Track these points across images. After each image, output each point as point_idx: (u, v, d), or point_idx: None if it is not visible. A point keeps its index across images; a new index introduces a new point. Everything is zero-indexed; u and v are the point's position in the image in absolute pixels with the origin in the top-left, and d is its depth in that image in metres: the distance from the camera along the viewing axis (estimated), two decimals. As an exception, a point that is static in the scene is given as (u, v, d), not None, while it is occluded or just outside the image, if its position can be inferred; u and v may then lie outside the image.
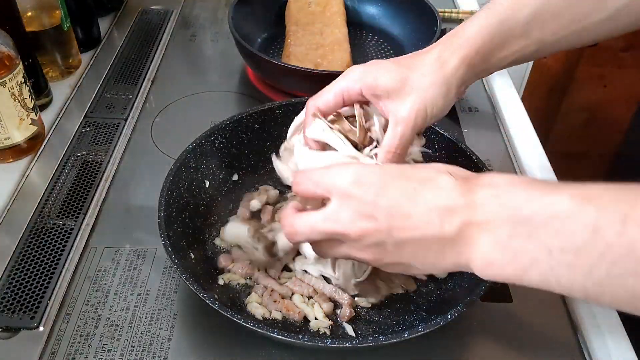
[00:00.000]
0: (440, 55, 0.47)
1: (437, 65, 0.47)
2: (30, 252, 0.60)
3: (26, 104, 0.70)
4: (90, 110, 0.81)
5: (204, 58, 0.96)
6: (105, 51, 0.94)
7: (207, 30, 1.02)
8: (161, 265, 0.60)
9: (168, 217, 0.55)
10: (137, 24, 1.01)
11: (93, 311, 0.55)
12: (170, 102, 0.84)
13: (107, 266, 0.60)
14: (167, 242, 0.51)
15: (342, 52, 0.86)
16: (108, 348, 0.52)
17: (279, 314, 0.54)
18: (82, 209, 0.65)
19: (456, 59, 0.47)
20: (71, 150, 0.74)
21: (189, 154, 0.61)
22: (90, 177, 0.70)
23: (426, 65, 0.47)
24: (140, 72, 0.89)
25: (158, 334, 0.54)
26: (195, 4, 1.10)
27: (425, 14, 0.91)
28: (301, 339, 0.47)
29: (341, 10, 0.96)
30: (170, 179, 0.57)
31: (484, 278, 0.39)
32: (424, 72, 0.47)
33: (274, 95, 0.85)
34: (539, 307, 0.57)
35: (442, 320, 0.47)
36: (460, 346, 0.54)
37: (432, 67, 0.47)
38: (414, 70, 0.47)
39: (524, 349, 0.54)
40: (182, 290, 0.58)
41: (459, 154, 0.63)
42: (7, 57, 0.66)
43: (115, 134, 0.76)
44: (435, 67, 0.47)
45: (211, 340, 0.53)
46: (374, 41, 0.98)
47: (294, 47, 0.88)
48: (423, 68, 0.47)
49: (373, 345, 0.46)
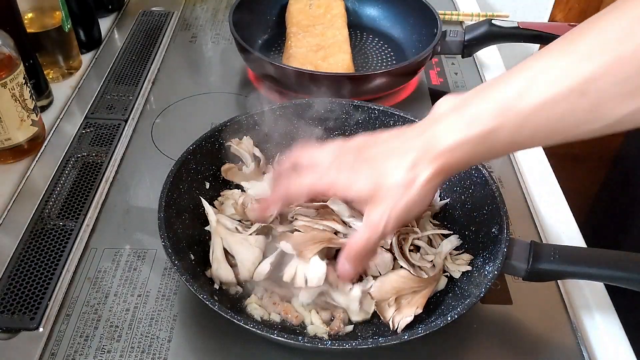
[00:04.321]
0: (414, 165, 0.44)
1: (410, 177, 0.44)
2: (30, 252, 0.60)
3: (27, 105, 0.70)
4: (91, 111, 0.81)
5: (205, 59, 0.96)
6: (106, 52, 0.94)
7: (207, 32, 1.02)
8: (161, 266, 0.60)
9: (168, 218, 0.55)
10: (138, 26, 1.01)
11: (93, 312, 0.55)
12: (171, 103, 0.84)
13: (107, 267, 0.60)
14: (167, 243, 0.51)
15: (342, 54, 0.86)
16: (108, 349, 0.52)
17: (277, 316, 0.53)
18: (82, 210, 0.65)
19: (430, 171, 0.44)
20: (72, 151, 0.74)
21: (189, 155, 0.61)
22: (90, 178, 0.70)
23: (399, 173, 0.45)
24: (140, 73, 0.89)
25: (158, 335, 0.54)
26: (195, 5, 1.10)
27: (426, 16, 0.91)
28: (301, 340, 0.47)
29: (342, 12, 0.96)
30: (170, 180, 0.57)
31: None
32: (398, 180, 0.45)
33: (274, 96, 0.85)
34: (539, 310, 0.57)
35: (442, 322, 0.47)
36: (460, 348, 0.54)
37: (404, 178, 0.45)
38: (387, 176, 0.45)
39: (523, 351, 0.54)
40: (182, 292, 0.58)
41: (459, 156, 0.63)
42: (8, 58, 0.66)
43: (115, 135, 0.76)
44: (408, 178, 0.45)
45: (211, 342, 0.53)
46: (375, 43, 0.98)
47: (294, 48, 0.88)
48: (396, 176, 0.45)
49: (372, 347, 0.46)
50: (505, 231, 0.53)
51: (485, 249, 0.56)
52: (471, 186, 0.61)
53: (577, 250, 0.53)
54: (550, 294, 0.59)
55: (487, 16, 1.04)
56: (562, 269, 0.50)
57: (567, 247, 0.52)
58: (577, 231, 0.67)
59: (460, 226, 0.61)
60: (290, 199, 0.52)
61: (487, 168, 0.60)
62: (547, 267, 0.50)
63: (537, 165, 0.76)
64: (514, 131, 0.41)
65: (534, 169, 0.75)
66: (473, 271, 0.56)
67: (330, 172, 0.49)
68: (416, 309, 0.52)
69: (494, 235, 0.55)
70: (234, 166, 0.66)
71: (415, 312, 0.52)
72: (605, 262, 0.50)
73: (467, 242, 0.60)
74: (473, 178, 0.61)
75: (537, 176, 0.74)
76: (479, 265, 0.56)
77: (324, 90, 0.76)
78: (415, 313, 0.52)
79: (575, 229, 0.67)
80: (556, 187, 0.73)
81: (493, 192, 0.57)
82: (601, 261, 0.50)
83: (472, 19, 1.05)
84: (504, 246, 0.52)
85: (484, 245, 0.56)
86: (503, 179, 0.72)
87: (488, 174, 0.59)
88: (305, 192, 0.50)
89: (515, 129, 0.41)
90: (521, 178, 0.73)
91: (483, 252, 0.56)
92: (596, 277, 0.51)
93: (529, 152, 0.77)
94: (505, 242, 0.52)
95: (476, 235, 0.58)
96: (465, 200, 0.62)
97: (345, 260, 0.49)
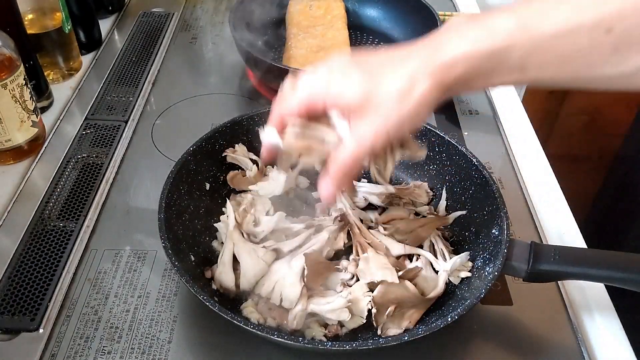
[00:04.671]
0: (414, 73, 0.40)
1: (407, 85, 0.40)
2: (31, 254, 0.60)
3: (27, 106, 0.70)
4: (91, 112, 0.81)
5: (205, 60, 0.96)
6: (106, 53, 0.94)
7: (207, 33, 1.02)
8: (161, 267, 0.60)
9: (168, 219, 0.55)
10: (138, 27, 1.01)
11: (93, 313, 0.55)
12: (171, 104, 0.84)
13: (107, 268, 0.60)
14: (167, 244, 0.51)
15: (342, 55, 0.86)
16: (108, 350, 0.52)
17: (273, 322, 0.53)
18: (82, 211, 0.65)
19: (430, 82, 0.40)
20: (72, 152, 0.74)
21: (189, 156, 0.61)
22: (90, 179, 0.70)
23: (396, 81, 0.41)
24: (141, 74, 0.89)
25: (158, 336, 0.54)
26: (196, 6, 1.10)
27: (426, 17, 0.91)
28: (301, 341, 0.47)
29: (342, 13, 0.96)
30: (170, 181, 0.57)
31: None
32: (391, 90, 0.41)
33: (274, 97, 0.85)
34: (539, 310, 0.57)
35: (442, 323, 0.47)
36: (460, 349, 0.54)
37: (401, 86, 0.41)
38: (383, 84, 0.41)
39: (524, 352, 0.54)
40: (182, 293, 0.57)
41: (459, 156, 0.63)
42: (8, 59, 0.66)
43: (115, 136, 0.77)
44: (405, 86, 0.40)
45: (211, 343, 0.53)
46: (375, 44, 0.98)
47: (294, 49, 0.88)
48: (392, 84, 0.41)
49: (372, 348, 0.46)
50: (505, 232, 0.53)
51: (485, 249, 0.56)
52: (471, 187, 0.61)
53: (577, 251, 0.53)
54: (550, 295, 0.59)
55: (487, 17, 1.03)
56: (562, 270, 0.50)
57: (567, 247, 0.52)
58: (577, 232, 0.67)
59: (461, 227, 0.61)
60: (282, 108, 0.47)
61: (487, 169, 0.60)
62: (547, 268, 0.50)
63: (537, 165, 0.76)
64: (526, 53, 0.38)
65: (534, 169, 0.75)
66: (473, 272, 0.56)
67: (322, 78, 0.44)
68: (408, 323, 0.52)
69: (494, 236, 0.55)
70: (238, 173, 0.66)
71: (406, 326, 0.52)
72: (605, 262, 0.50)
73: (467, 243, 0.60)
74: (473, 179, 0.61)
75: (537, 177, 0.74)
76: (479, 266, 0.56)
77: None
78: (407, 327, 0.52)
79: (575, 230, 0.67)
80: (556, 187, 0.73)
81: (493, 192, 0.57)
82: (601, 262, 0.50)
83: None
84: (504, 247, 0.52)
85: (484, 246, 0.56)
86: (503, 179, 0.72)
87: (488, 174, 0.59)
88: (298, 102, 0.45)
89: (528, 51, 0.38)
90: (521, 179, 0.73)
91: (483, 253, 0.56)
92: (596, 278, 0.51)
93: (529, 154, 0.77)
94: (505, 243, 0.52)
95: (476, 236, 0.58)
96: (466, 201, 0.62)
97: (331, 178, 0.44)
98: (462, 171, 0.62)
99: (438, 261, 0.56)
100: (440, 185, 0.65)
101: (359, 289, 0.53)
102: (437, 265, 0.56)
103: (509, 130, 0.81)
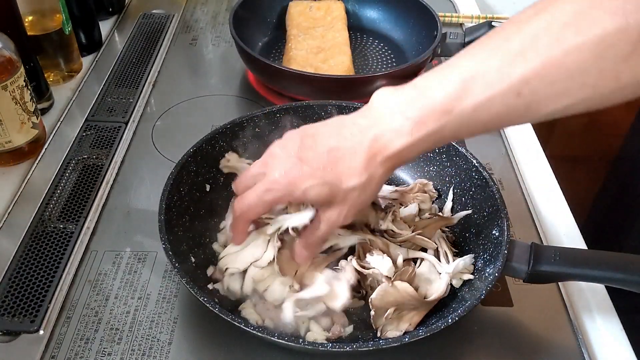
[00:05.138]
0: (367, 166, 0.46)
1: (365, 179, 0.46)
2: (31, 255, 0.60)
3: (27, 108, 0.70)
4: (91, 113, 0.81)
5: (205, 62, 0.96)
6: (106, 55, 0.94)
7: (208, 34, 1.02)
8: (162, 269, 0.60)
9: (169, 220, 0.55)
10: (139, 28, 1.01)
11: (93, 315, 0.55)
12: (171, 105, 0.84)
13: (107, 270, 0.60)
14: (167, 245, 0.51)
15: (342, 56, 0.86)
16: (108, 352, 0.52)
17: (270, 322, 0.53)
18: (82, 213, 0.65)
19: (383, 170, 0.47)
20: (72, 153, 0.74)
21: (189, 157, 0.61)
22: (91, 180, 0.70)
23: (354, 178, 0.46)
24: (141, 75, 0.89)
25: (158, 337, 0.54)
26: (196, 8, 1.10)
27: (426, 18, 0.91)
28: (301, 343, 0.47)
29: (342, 15, 0.96)
30: (171, 182, 0.57)
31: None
32: (352, 186, 0.47)
33: (274, 98, 0.85)
34: (540, 312, 0.57)
35: (443, 324, 0.47)
36: (460, 350, 0.54)
37: (360, 181, 0.46)
38: (341, 182, 0.47)
39: (524, 353, 0.54)
40: (182, 294, 0.57)
41: (459, 157, 0.63)
42: (9, 60, 0.66)
43: (116, 138, 0.77)
44: (363, 180, 0.46)
45: (211, 345, 0.53)
46: (375, 45, 0.98)
47: (294, 51, 0.88)
48: (351, 181, 0.46)
49: (373, 349, 0.46)
50: (505, 233, 0.53)
51: (485, 251, 0.56)
52: (471, 188, 0.61)
53: (577, 252, 0.53)
54: (551, 296, 0.59)
55: (487, 18, 1.04)
56: (562, 271, 0.50)
57: (567, 248, 0.52)
58: (577, 233, 0.67)
59: (461, 228, 0.61)
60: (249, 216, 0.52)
61: (487, 170, 0.60)
62: (547, 269, 0.50)
63: (538, 166, 0.76)
64: (455, 129, 0.43)
65: (534, 170, 0.75)
66: (474, 273, 0.56)
67: (280, 183, 0.48)
68: (408, 325, 0.52)
69: (495, 237, 0.55)
70: None
71: (406, 329, 0.52)
72: (606, 263, 0.50)
73: (467, 244, 0.60)
74: (473, 180, 0.61)
75: (537, 178, 0.74)
76: (479, 267, 0.56)
77: (324, 93, 0.76)
78: (406, 330, 0.52)
79: (575, 231, 0.67)
80: (556, 188, 0.73)
81: (493, 193, 0.57)
82: (602, 263, 0.50)
83: (472, 21, 1.05)
84: (504, 248, 0.52)
85: (485, 247, 0.56)
86: (503, 180, 0.72)
87: (488, 175, 0.59)
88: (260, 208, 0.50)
89: (457, 127, 0.43)
90: (521, 180, 0.73)
91: (484, 254, 0.56)
92: (597, 279, 0.51)
93: (529, 155, 0.77)
94: (505, 244, 0.52)
95: (477, 237, 0.58)
96: (466, 202, 0.62)
97: (305, 248, 0.52)
98: (463, 172, 0.62)
99: (441, 264, 0.56)
100: (440, 186, 0.65)
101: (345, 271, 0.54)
102: (439, 268, 0.56)
103: (509, 131, 0.81)
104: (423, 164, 0.67)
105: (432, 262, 0.56)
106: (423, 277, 0.55)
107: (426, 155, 0.66)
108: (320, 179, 0.47)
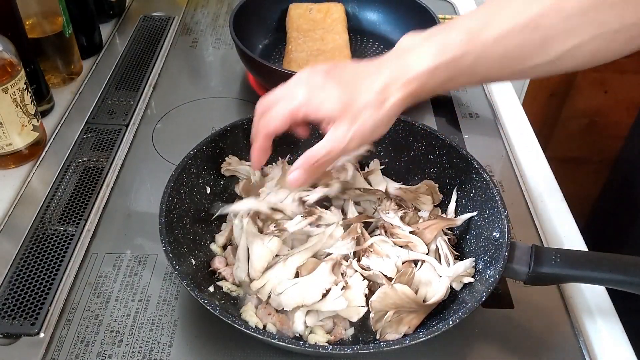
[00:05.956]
0: (386, 87, 0.47)
1: (382, 96, 0.47)
2: (31, 258, 0.60)
3: (28, 110, 0.70)
4: (92, 116, 0.81)
5: (205, 64, 0.96)
6: (106, 57, 0.94)
7: (208, 37, 1.02)
8: (162, 271, 0.60)
9: (169, 223, 0.55)
10: (139, 31, 1.01)
11: (94, 317, 0.55)
12: (172, 108, 0.84)
13: (107, 272, 0.60)
14: (168, 248, 0.51)
15: (342, 58, 0.87)
16: (109, 354, 0.52)
17: (272, 327, 0.53)
18: (83, 215, 0.65)
19: (401, 94, 0.47)
20: (72, 156, 0.74)
21: (190, 160, 0.61)
22: (91, 183, 0.70)
23: (370, 94, 0.47)
24: (141, 78, 0.89)
25: (159, 340, 0.54)
26: (196, 10, 1.10)
27: (426, 20, 0.91)
28: (302, 345, 0.47)
29: (342, 17, 0.96)
30: (171, 185, 0.57)
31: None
32: (366, 101, 0.47)
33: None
34: (541, 313, 0.57)
35: (443, 327, 0.47)
36: (461, 353, 0.54)
37: (375, 99, 0.47)
38: (360, 95, 0.47)
39: (525, 355, 0.54)
40: (183, 297, 0.57)
41: (459, 159, 0.63)
42: (9, 63, 0.66)
43: (116, 140, 0.77)
44: (378, 99, 0.47)
45: (212, 347, 0.53)
46: (375, 47, 0.98)
47: (295, 53, 0.88)
48: (369, 95, 0.47)
49: (374, 351, 0.46)
50: (506, 235, 0.53)
51: (486, 252, 0.56)
52: (472, 190, 0.61)
53: (578, 254, 0.53)
54: (551, 298, 0.59)
55: (487, 20, 1.04)
56: (563, 273, 0.50)
57: (568, 250, 0.52)
58: (578, 234, 0.67)
59: (462, 230, 0.61)
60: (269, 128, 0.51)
61: (487, 172, 0.60)
62: (548, 271, 0.50)
63: (538, 168, 0.76)
64: (476, 59, 0.46)
65: (534, 172, 0.75)
66: (474, 275, 0.56)
67: (299, 93, 0.49)
68: (407, 328, 0.52)
69: (495, 239, 0.55)
70: (245, 181, 0.65)
71: (405, 332, 0.52)
72: (606, 265, 0.50)
73: (468, 245, 0.60)
74: (474, 182, 0.61)
75: (538, 179, 0.74)
76: (480, 269, 0.55)
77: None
78: (405, 332, 0.52)
79: (576, 233, 0.67)
80: (557, 190, 0.73)
81: (494, 195, 0.57)
82: (603, 265, 0.50)
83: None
84: (505, 250, 0.51)
85: (485, 249, 0.56)
86: (504, 182, 0.72)
87: (489, 177, 0.59)
88: (280, 118, 0.50)
89: (478, 57, 0.46)
90: (522, 181, 0.73)
91: (484, 256, 0.56)
92: (598, 281, 0.51)
93: (529, 156, 0.78)
94: (506, 245, 0.52)
95: (477, 239, 0.58)
96: (467, 204, 0.62)
97: (301, 167, 0.50)
98: (463, 174, 0.62)
99: (441, 267, 0.56)
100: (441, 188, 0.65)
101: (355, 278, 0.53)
102: (440, 271, 0.56)
103: (510, 133, 0.81)
104: (424, 166, 0.67)
105: (432, 265, 0.56)
106: (423, 279, 0.55)
107: (427, 156, 0.66)
108: (338, 90, 0.48)
